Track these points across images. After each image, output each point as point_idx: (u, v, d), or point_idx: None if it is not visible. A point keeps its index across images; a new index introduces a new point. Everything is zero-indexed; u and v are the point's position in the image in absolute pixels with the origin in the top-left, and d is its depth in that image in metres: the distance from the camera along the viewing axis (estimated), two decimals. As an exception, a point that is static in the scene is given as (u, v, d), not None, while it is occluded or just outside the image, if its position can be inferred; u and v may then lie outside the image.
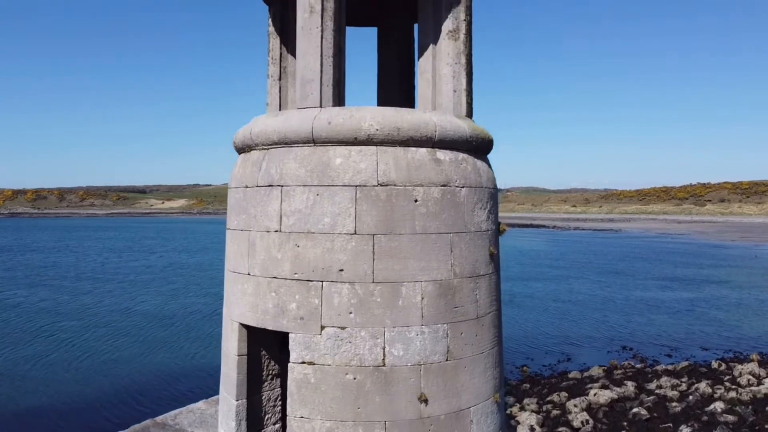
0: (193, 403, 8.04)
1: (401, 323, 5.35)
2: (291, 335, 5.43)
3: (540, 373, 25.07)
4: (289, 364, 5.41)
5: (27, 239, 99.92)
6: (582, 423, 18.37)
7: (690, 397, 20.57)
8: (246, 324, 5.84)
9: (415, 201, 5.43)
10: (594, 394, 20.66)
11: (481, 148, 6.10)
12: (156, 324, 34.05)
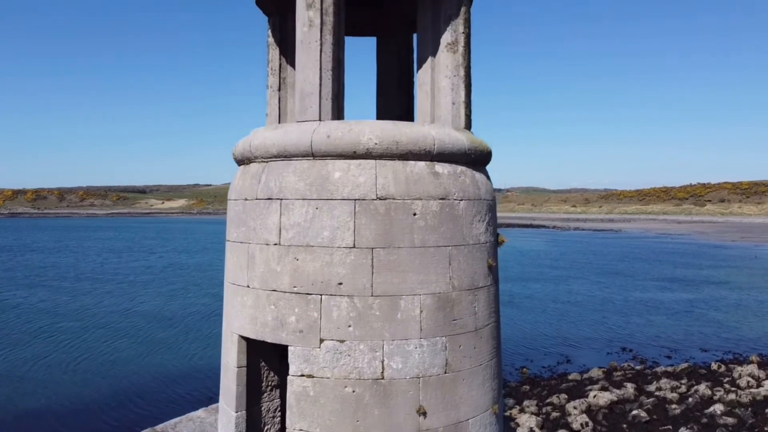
0: (193, 412, 8.06)
1: (400, 336, 5.37)
2: (290, 348, 5.45)
3: (539, 375, 25.11)
4: (289, 376, 5.43)
5: (27, 239, 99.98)
6: (582, 425, 18.40)
7: (689, 399, 20.62)
8: (245, 336, 5.86)
9: (414, 214, 5.44)
10: (593, 396, 20.70)
11: (480, 160, 6.12)
12: (155, 325, 34.10)
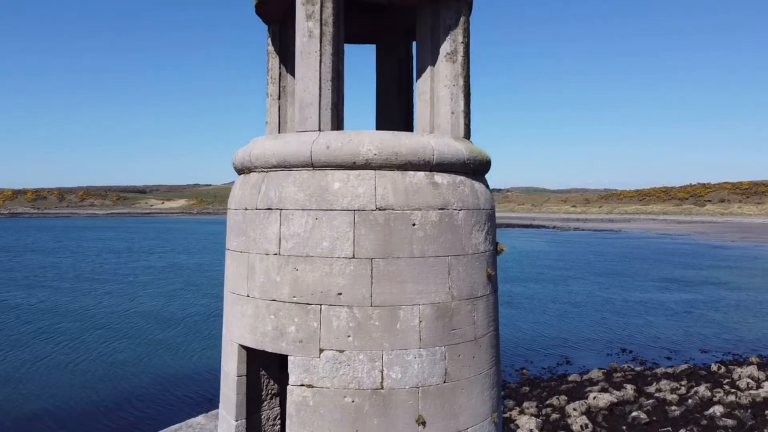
0: (193, 418, 8.08)
1: (399, 346, 5.39)
2: (290, 358, 5.47)
3: (539, 376, 25.11)
4: (288, 386, 5.45)
5: (27, 239, 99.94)
6: (581, 427, 18.40)
7: (689, 401, 20.61)
8: (245, 345, 5.87)
9: (413, 225, 5.46)
10: (593, 397, 20.69)
11: (479, 169, 6.13)
12: (155, 325, 34.08)
